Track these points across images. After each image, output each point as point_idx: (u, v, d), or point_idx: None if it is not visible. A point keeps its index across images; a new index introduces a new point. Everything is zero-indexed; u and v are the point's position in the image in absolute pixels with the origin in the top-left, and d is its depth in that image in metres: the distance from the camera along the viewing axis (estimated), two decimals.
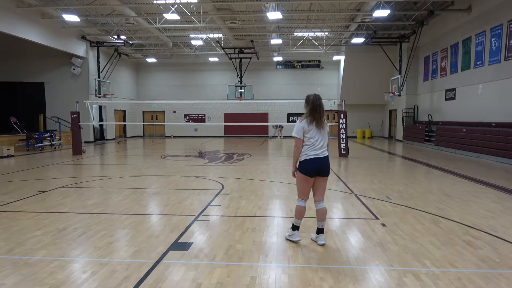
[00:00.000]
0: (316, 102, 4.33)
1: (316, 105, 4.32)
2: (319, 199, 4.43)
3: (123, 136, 28.61)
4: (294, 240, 4.45)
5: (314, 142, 4.33)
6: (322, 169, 4.35)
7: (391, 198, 6.93)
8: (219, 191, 7.67)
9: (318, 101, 4.34)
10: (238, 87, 24.68)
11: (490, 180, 8.96)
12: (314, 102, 4.33)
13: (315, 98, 4.36)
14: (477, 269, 3.68)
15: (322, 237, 4.42)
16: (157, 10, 17.30)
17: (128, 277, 3.49)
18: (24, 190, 7.79)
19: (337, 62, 28.61)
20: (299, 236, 4.48)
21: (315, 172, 4.33)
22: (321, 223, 4.41)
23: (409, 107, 22.67)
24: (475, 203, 6.55)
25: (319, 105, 4.33)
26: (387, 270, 3.67)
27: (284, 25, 20.23)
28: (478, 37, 15.36)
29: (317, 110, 4.30)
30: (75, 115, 15.43)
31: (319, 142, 4.33)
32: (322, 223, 4.41)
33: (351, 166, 11.96)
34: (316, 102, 4.33)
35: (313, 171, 4.32)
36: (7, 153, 14.38)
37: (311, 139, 4.32)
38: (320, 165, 4.33)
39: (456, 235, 4.71)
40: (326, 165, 4.39)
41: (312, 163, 4.30)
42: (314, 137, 4.32)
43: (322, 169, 4.35)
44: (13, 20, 16.25)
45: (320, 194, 4.43)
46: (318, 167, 4.32)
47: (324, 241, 4.39)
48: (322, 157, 4.32)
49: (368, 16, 18.23)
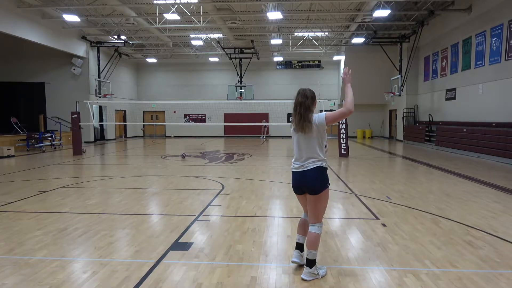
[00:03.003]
0: (297, 99, 3.44)
1: (296, 103, 3.44)
2: (310, 221, 3.54)
3: (123, 136, 28.63)
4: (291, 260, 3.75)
5: (295, 149, 3.54)
6: (303, 187, 3.49)
7: (391, 198, 6.93)
8: (219, 191, 7.67)
9: (299, 97, 3.44)
10: (238, 87, 24.68)
11: (491, 180, 8.96)
12: (295, 99, 3.46)
13: (297, 93, 3.48)
14: (478, 269, 3.68)
15: (306, 271, 3.42)
16: (157, 10, 17.31)
17: (128, 277, 3.49)
18: (25, 190, 7.79)
19: (337, 62, 28.62)
20: (297, 258, 3.66)
21: (297, 189, 3.57)
22: (308, 252, 3.46)
23: (410, 107, 22.67)
24: (475, 203, 6.54)
25: (299, 104, 3.41)
26: (388, 270, 3.67)
27: (284, 25, 20.24)
28: (479, 37, 15.35)
29: (296, 110, 3.43)
30: (75, 115, 15.44)
31: (297, 150, 3.50)
32: (309, 251, 3.45)
33: (352, 166, 11.96)
34: (297, 99, 3.45)
35: (295, 188, 3.60)
36: (8, 153, 14.39)
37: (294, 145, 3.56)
38: (298, 181, 3.50)
39: (457, 235, 4.71)
40: (307, 182, 3.42)
41: (293, 177, 3.58)
42: (295, 144, 3.53)
43: (302, 186, 3.49)
44: (13, 20, 16.26)
45: (310, 215, 3.51)
46: (296, 183, 3.54)
47: (306, 276, 3.40)
48: (300, 171, 3.45)
49: (368, 16, 18.23)
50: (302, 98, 3.42)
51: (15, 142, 16.60)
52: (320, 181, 3.40)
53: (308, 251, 3.48)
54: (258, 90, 26.73)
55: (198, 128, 29.01)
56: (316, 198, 3.43)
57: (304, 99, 3.42)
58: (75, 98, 17.64)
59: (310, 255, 3.45)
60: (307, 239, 3.52)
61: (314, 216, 3.48)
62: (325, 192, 3.44)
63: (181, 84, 29.84)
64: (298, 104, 3.41)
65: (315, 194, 3.41)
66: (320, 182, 3.40)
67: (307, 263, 3.47)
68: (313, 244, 3.44)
